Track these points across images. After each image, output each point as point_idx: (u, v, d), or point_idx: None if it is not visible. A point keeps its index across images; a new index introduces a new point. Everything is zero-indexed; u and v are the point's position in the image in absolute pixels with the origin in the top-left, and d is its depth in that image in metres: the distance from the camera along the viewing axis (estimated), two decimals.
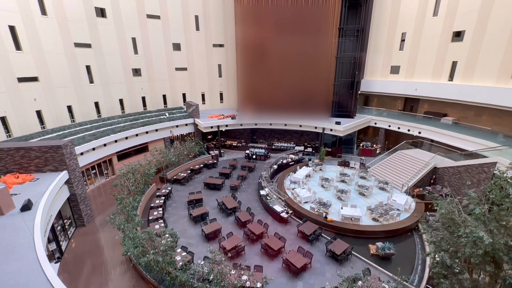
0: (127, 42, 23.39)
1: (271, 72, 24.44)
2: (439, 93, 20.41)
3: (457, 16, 18.76)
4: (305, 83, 24.18)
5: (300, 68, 23.85)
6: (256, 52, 24.34)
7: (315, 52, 23.21)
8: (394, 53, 23.25)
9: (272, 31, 23.26)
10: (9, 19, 16.19)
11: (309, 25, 22.50)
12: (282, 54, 23.71)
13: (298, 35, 22.88)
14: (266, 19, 23.08)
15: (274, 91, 24.96)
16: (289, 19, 22.61)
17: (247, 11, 23.47)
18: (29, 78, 17.61)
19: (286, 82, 24.43)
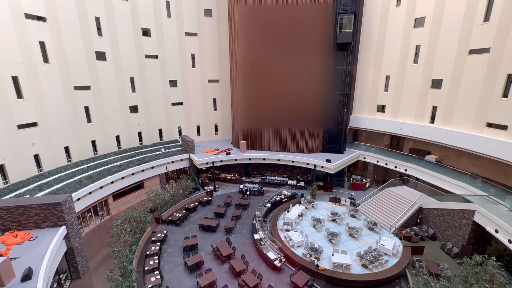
0: (126, 81, 24.25)
1: (266, 109, 25.55)
2: (422, 134, 21.71)
3: (435, 65, 20.39)
4: (297, 120, 25.33)
5: (293, 107, 25.04)
6: (251, 91, 25.53)
7: (307, 91, 24.52)
8: (379, 93, 24.73)
9: (267, 74, 24.59)
10: (12, 70, 16.84)
11: (303, 68, 23.92)
12: (276, 94, 24.94)
13: (291, 78, 24.24)
14: (261, 66, 24.46)
15: (268, 127, 26.01)
16: (285, 65, 24.01)
17: (241, 53, 24.87)
18: (28, 124, 18.06)
19: (279, 120, 25.54)
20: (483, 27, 17.24)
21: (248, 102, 25.96)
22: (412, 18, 21.30)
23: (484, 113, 17.75)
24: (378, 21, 23.35)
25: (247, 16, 23.65)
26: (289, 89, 24.64)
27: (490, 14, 16.87)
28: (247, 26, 23.88)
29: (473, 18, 17.66)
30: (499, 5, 16.35)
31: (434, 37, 20.09)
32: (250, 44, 24.26)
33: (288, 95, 24.81)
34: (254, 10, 23.34)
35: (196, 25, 27.00)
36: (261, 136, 26.53)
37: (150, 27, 24.79)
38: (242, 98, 26.17)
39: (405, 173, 22.64)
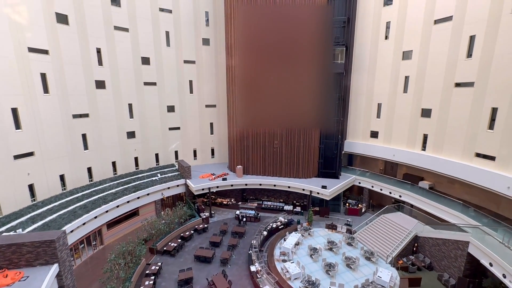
0: (124, 108, 24.63)
1: (263, 134, 26.01)
2: (414, 161, 22.22)
3: (424, 95, 21.28)
4: (293, 145, 25.76)
5: (289, 132, 25.56)
6: (248, 115, 26.09)
7: (303, 116, 25.14)
8: (372, 120, 25.46)
9: (264, 100, 25.29)
10: (12, 102, 17.10)
11: (299, 94, 24.69)
12: (272, 119, 25.51)
13: (288, 104, 24.94)
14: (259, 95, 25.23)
15: (265, 152, 26.35)
16: (281, 91, 24.79)
17: (238, 75, 25.69)
18: (25, 154, 18.06)
19: (275, 144, 25.96)
20: (467, 63, 18.26)
21: (245, 125, 26.43)
22: (400, 51, 22.46)
23: (472, 143, 18.38)
24: (368, 53, 24.51)
25: (245, 35, 24.66)
26: (285, 115, 25.25)
27: (472, 51, 17.96)
28: (245, 49, 24.84)
29: (457, 54, 18.74)
30: (480, 44, 17.46)
31: (422, 70, 21.12)
32: (247, 66, 25.10)
33: (284, 120, 25.39)
34: (252, 32, 24.39)
35: (194, 53, 27.95)
36: (257, 160, 26.78)
37: (150, 56, 25.58)
38: (239, 123, 26.65)
39: (400, 199, 22.91)
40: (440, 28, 19.61)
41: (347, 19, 24.03)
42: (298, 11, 23.11)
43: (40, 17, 18.23)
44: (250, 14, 23.86)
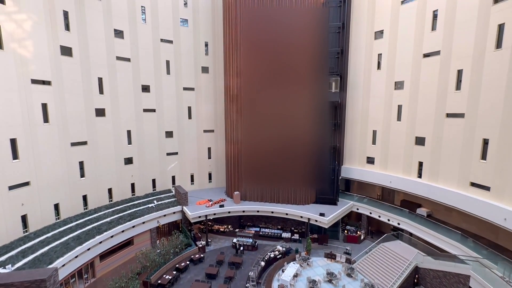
0: (122, 134, 24.83)
1: (261, 160, 26.16)
2: (411, 188, 22.34)
3: (417, 124, 21.84)
4: (291, 170, 25.85)
5: (287, 158, 25.76)
6: (246, 141, 26.38)
7: (300, 142, 25.45)
8: (368, 146, 25.84)
9: (263, 126, 25.72)
10: (12, 132, 17.22)
11: (297, 121, 25.18)
12: (270, 145, 25.79)
13: (286, 130, 25.35)
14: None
15: (262, 177, 26.35)
16: (280, 118, 25.31)
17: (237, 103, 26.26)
18: (20, 184, 17.89)
19: (273, 169, 26.02)
20: (456, 95, 19.00)
21: (243, 151, 26.60)
22: (393, 81, 23.34)
23: (466, 172, 18.65)
24: (362, 82, 25.40)
25: (244, 63, 25.48)
26: (282, 140, 25.56)
27: (461, 84, 18.76)
28: (244, 77, 25.58)
29: (446, 86, 19.53)
30: (467, 77, 18.29)
31: (414, 99, 21.87)
32: (245, 93, 25.72)
33: (282, 145, 25.66)
34: (251, 59, 25.25)
35: (193, 80, 28.75)
36: (255, 186, 26.69)
37: (150, 84, 26.24)
38: (237, 147, 26.86)
39: (399, 226, 22.74)
40: (429, 62, 20.58)
41: (340, 51, 25.13)
42: (296, 41, 24.13)
43: (45, 50, 18.86)
44: (250, 41, 24.84)
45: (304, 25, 23.92)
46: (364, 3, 24.50)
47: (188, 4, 27.55)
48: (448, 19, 19.18)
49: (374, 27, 24.16)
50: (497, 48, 16.49)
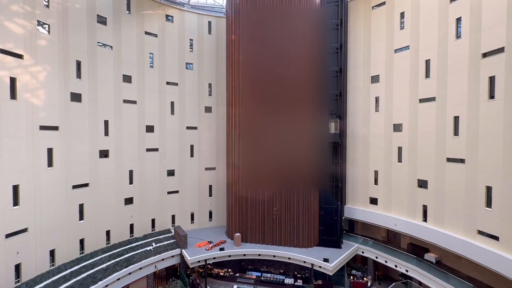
0: (124, 175, 24.93)
1: (262, 200, 25.84)
2: (417, 232, 21.71)
3: (418, 166, 21.86)
4: (293, 212, 25.41)
5: (288, 197, 25.47)
6: (246, 180, 26.30)
7: (302, 183, 25.32)
8: (370, 186, 25.63)
9: (263, 165, 25.83)
10: (15, 179, 17.35)
11: (298, 162, 25.31)
12: (271, 187, 25.67)
13: (286, 172, 25.39)
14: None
15: (264, 217, 25.83)
16: (280, 161, 25.51)
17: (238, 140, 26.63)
18: (18, 231, 17.60)
19: (275, 210, 25.60)
20: (455, 140, 19.27)
21: (244, 189, 26.37)
22: (391, 123, 23.83)
23: (473, 219, 18.22)
24: (361, 123, 25.94)
25: (245, 101, 26.21)
26: (284, 179, 25.43)
27: (458, 130, 19.11)
28: (245, 115, 26.21)
29: (444, 131, 19.87)
30: (464, 124, 18.68)
31: (413, 142, 22.14)
32: (246, 131, 26.14)
33: (283, 185, 25.48)
34: (252, 96, 26.02)
35: (197, 120, 29.53)
36: (256, 227, 26.05)
37: (154, 124, 26.94)
38: (238, 186, 26.68)
39: (407, 274, 21.69)
40: (426, 107, 21.20)
41: (339, 93, 26.05)
42: (297, 84, 25.01)
43: (56, 98, 19.72)
44: (250, 77, 25.81)
45: (304, 69, 25.01)
46: (359, 50, 25.91)
47: (193, 50, 29.26)
48: (440, 69, 20.14)
49: (370, 72, 25.30)
50: (491, 99, 17.08)
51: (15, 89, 17.28)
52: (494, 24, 16.86)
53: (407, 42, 22.46)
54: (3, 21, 16.53)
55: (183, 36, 28.51)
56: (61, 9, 19.95)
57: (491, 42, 17.04)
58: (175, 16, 28.01)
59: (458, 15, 18.97)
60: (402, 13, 22.87)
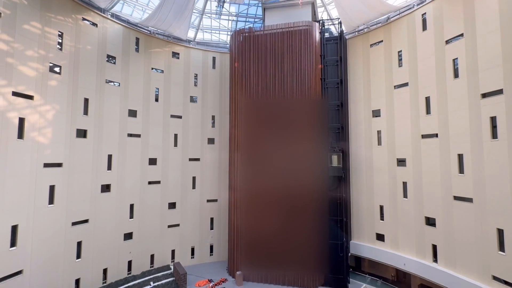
0: (125, 209, 24.57)
1: (265, 236, 25.09)
2: (427, 274, 20.65)
3: (424, 203, 21.33)
4: (298, 249, 24.50)
5: (292, 235, 24.71)
6: (249, 215, 25.76)
7: (305, 216, 24.68)
8: (376, 222, 24.87)
9: (265, 200, 25.44)
10: (14, 219, 17.11)
11: (300, 197, 24.90)
12: (275, 220, 25.05)
13: (289, 207, 24.93)
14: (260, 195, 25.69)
15: (267, 254, 24.90)
16: (283, 198, 25.18)
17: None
18: (12, 275, 17.01)
19: (279, 246, 24.71)
20: (461, 178, 18.94)
21: (246, 224, 25.72)
22: (394, 158, 23.68)
23: (486, 263, 17.36)
24: (364, 157, 25.83)
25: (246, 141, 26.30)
26: (286, 217, 24.86)
27: (463, 168, 18.86)
28: (247, 155, 26.23)
29: (449, 169, 19.61)
30: (469, 162, 18.48)
31: (418, 178, 21.81)
32: (247, 176, 26.02)
33: (286, 222, 24.82)
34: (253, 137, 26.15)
35: (199, 151, 29.68)
36: (259, 264, 25.02)
37: (157, 157, 27.06)
38: (240, 219, 26.05)
39: None
40: (429, 143, 21.16)
41: (340, 126, 26.25)
42: (297, 117, 25.38)
43: (62, 135, 20.06)
44: (252, 109, 26.22)
45: (306, 102, 25.37)
46: (359, 85, 26.52)
47: (198, 84, 30.19)
48: (440, 106, 20.37)
49: (371, 106, 25.66)
50: (494, 139, 17.04)
51: (23, 129, 17.66)
52: (490, 66, 17.29)
53: (406, 79, 22.99)
54: (17, 65, 17.31)
55: (188, 71, 29.56)
56: (73, 51, 20.97)
57: (489, 83, 17.37)
58: (181, 52, 29.26)
59: (454, 56, 19.57)
60: (400, 52, 23.67)
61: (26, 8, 17.93)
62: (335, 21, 28.14)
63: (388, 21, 24.57)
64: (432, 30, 21.05)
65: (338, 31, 27.55)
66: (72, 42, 20.94)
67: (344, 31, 27.38)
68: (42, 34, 18.89)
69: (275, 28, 26.33)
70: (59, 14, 20.01)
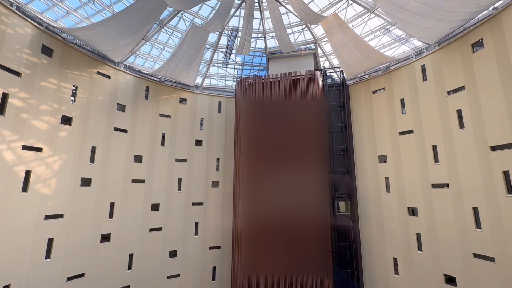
0: (124, 259, 23.46)
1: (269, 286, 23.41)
2: None
3: (442, 259, 19.84)
4: None
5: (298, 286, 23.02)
6: (252, 267, 24.29)
7: (313, 270, 23.14)
8: (390, 277, 22.97)
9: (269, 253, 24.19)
10: (9, 278, 16.35)
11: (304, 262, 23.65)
12: (280, 271, 23.53)
13: (295, 259, 23.57)
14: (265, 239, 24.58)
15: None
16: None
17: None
18: None
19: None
20: (479, 233, 17.82)
21: (250, 276, 24.09)
22: (405, 206, 22.72)
23: None
24: (373, 204, 24.83)
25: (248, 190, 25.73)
26: (293, 270, 23.36)
27: (480, 223, 17.84)
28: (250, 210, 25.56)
29: (465, 223, 18.58)
30: (485, 217, 17.53)
31: (432, 229, 20.60)
32: (250, 226, 25.14)
33: (293, 275, 23.24)
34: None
35: (203, 195, 29.11)
36: None
37: (160, 202, 26.54)
38: (244, 270, 24.47)
39: None
40: (440, 193, 20.42)
41: (347, 171, 25.83)
42: (302, 160, 25.14)
43: (66, 185, 20.00)
44: (257, 151, 26.07)
45: (310, 146, 25.37)
46: (364, 130, 26.58)
47: (204, 127, 30.74)
48: (449, 156, 20.00)
49: (377, 151, 25.41)
50: (509, 194, 16.33)
51: (29, 181, 17.69)
52: (496, 119, 17.25)
53: (411, 127, 23.01)
54: (30, 120, 17.94)
55: (194, 115, 30.29)
56: (85, 102, 21.84)
57: (497, 136, 17.18)
58: (188, 98, 30.32)
59: (457, 107, 19.72)
60: (402, 100, 24.08)
61: (45, 67, 19.12)
62: (337, 69, 29.33)
63: (388, 70, 25.42)
64: (432, 81, 21.56)
65: (340, 78, 28.56)
66: (85, 94, 21.92)
67: (346, 78, 28.34)
68: (58, 89, 19.87)
69: (279, 77, 27.43)
70: (75, 70, 21.25)
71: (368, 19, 23.66)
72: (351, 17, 23.93)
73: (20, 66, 17.45)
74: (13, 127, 16.94)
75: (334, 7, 23.22)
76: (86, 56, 22.18)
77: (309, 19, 21.48)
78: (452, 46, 20.34)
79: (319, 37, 28.12)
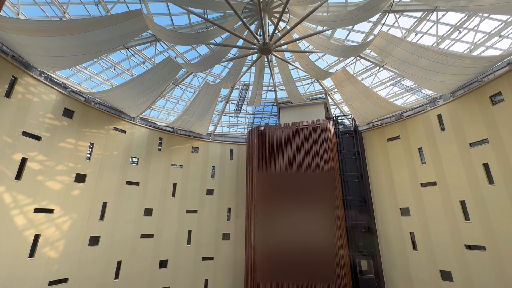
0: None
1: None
2: None
3: None
4: None
5: None
6: None
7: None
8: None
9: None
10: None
11: None
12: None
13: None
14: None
15: None
16: None
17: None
18: None
19: None
20: None
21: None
22: (436, 269, 20.33)
23: None
24: (398, 263, 22.46)
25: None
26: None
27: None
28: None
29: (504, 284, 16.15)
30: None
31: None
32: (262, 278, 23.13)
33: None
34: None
35: (213, 249, 27.60)
36: None
37: (169, 258, 25.23)
38: None
39: None
40: (476, 255, 18.21)
41: (367, 226, 23.99)
42: (316, 213, 23.74)
43: (73, 246, 19.40)
44: (269, 197, 24.81)
45: (325, 196, 24.18)
46: (381, 180, 25.26)
47: (215, 176, 30.39)
48: (481, 213, 18.24)
49: (398, 204, 23.75)
50: None
51: (36, 245, 17.31)
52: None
53: (433, 178, 21.63)
54: (45, 181, 18.18)
55: (206, 164, 30.18)
56: (100, 159, 22.23)
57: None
58: (200, 147, 30.54)
59: (483, 160, 18.48)
60: (420, 149, 23.06)
61: (65, 128, 19.93)
62: (348, 116, 29.14)
63: (402, 118, 24.86)
64: (451, 132, 20.68)
65: (353, 125, 28.19)
66: (101, 150, 22.42)
67: (358, 125, 27.93)
68: (75, 148, 20.44)
69: (290, 126, 27.45)
70: (93, 128, 22.06)
71: (378, 72, 23.88)
72: (360, 70, 24.28)
73: (41, 130, 18.26)
74: (28, 190, 17.12)
75: (343, 63, 23.72)
76: (104, 114, 23.16)
77: (318, 76, 21.97)
78: (468, 98, 19.81)
79: (328, 88, 28.53)
